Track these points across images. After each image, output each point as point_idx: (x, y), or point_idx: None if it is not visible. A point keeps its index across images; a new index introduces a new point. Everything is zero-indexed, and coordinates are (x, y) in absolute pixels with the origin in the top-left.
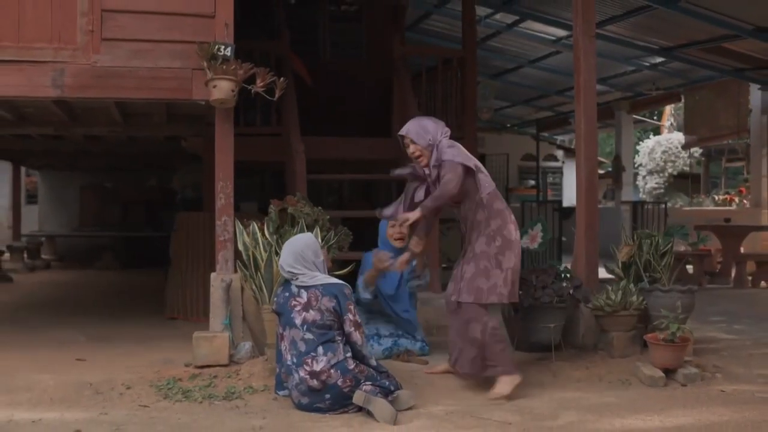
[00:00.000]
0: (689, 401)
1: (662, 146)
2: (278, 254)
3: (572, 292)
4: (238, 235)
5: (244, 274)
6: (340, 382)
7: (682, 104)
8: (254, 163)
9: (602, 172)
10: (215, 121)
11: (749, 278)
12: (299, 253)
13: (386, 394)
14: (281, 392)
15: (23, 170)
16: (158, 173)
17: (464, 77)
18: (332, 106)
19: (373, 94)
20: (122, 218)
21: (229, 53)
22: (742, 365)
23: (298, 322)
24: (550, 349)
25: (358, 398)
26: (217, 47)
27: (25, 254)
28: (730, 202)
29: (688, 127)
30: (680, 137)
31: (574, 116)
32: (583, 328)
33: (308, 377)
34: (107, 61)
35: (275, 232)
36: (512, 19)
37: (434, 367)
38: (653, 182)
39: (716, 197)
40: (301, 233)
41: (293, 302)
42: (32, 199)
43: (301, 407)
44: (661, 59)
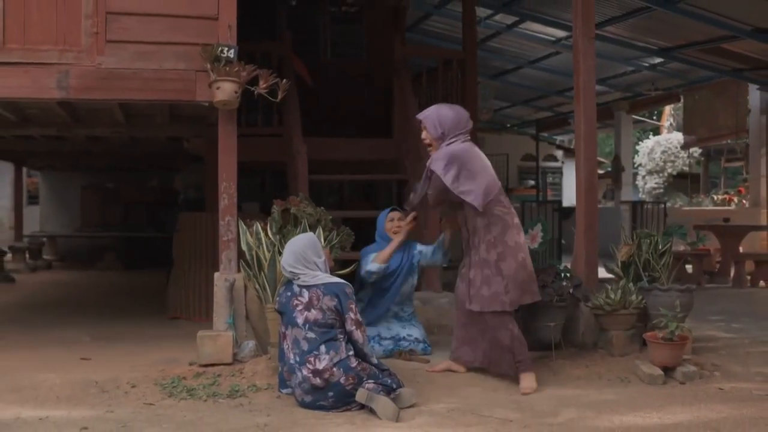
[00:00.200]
0: (687, 399)
1: (661, 146)
2: (281, 254)
3: (572, 291)
4: (241, 235)
5: (247, 273)
6: (342, 380)
7: (681, 104)
8: (255, 163)
9: (602, 172)
10: (218, 122)
11: (748, 277)
12: (300, 253)
13: (388, 391)
14: (284, 390)
15: (24, 171)
16: (159, 174)
17: (464, 78)
18: (333, 106)
19: (373, 94)
20: (123, 219)
21: (232, 55)
22: (740, 363)
23: (300, 321)
24: (550, 347)
25: (360, 396)
26: (220, 49)
27: (26, 255)
28: (729, 202)
29: (687, 127)
30: (680, 137)
31: (573, 116)
32: (582, 326)
33: (311, 375)
34: (112, 62)
35: (278, 232)
36: (512, 20)
37: (435, 365)
38: (653, 182)
39: (715, 197)
40: (302, 233)
41: (295, 301)
42: (33, 199)
43: (304, 405)
44: (660, 60)
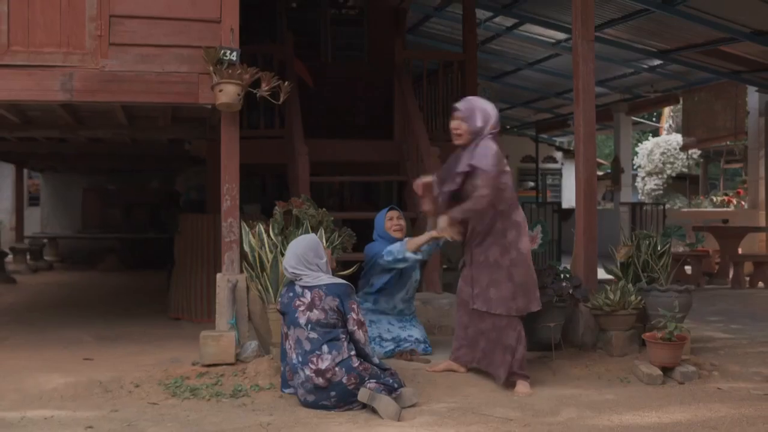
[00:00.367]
0: (686, 398)
1: (661, 148)
2: (283, 255)
3: (572, 291)
4: (243, 236)
5: (250, 274)
6: (345, 379)
7: (680, 106)
8: (255, 165)
9: (601, 173)
10: (221, 124)
11: (747, 278)
12: (301, 255)
13: (390, 391)
14: (287, 390)
15: (26, 172)
16: (160, 175)
17: (465, 80)
18: (333, 108)
19: (374, 96)
20: (124, 220)
21: (234, 58)
22: (738, 364)
23: (302, 321)
24: (550, 347)
25: (362, 396)
26: (223, 52)
27: (28, 256)
28: (728, 203)
29: (686, 128)
30: (679, 139)
31: (573, 118)
32: (582, 327)
33: (314, 375)
34: (115, 65)
35: (280, 233)
36: (512, 22)
37: (436, 365)
38: (652, 183)
39: (714, 198)
40: (304, 234)
41: (297, 302)
42: (34, 201)
43: (307, 404)
44: (659, 62)
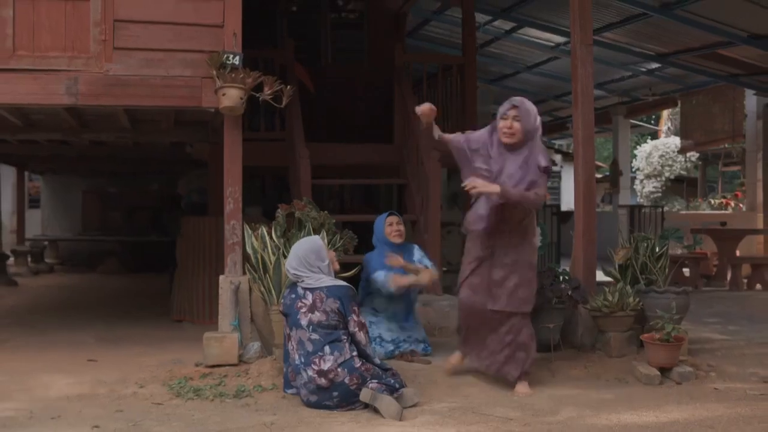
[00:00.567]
0: (683, 398)
1: (659, 150)
2: (286, 257)
3: (571, 293)
4: (246, 238)
5: (252, 276)
6: (347, 380)
7: (678, 109)
8: (256, 167)
9: (600, 176)
10: (224, 128)
11: (744, 281)
12: (302, 256)
13: (392, 391)
14: (289, 390)
15: (26, 175)
16: (161, 178)
17: (465, 83)
18: (333, 111)
19: (374, 99)
20: (125, 223)
21: (237, 62)
22: (735, 364)
23: (304, 323)
24: (549, 348)
25: (365, 396)
26: (226, 56)
27: (29, 258)
28: (726, 205)
29: (684, 131)
30: (677, 141)
31: (572, 121)
32: (581, 328)
33: (316, 376)
34: (120, 69)
35: (282, 235)
36: (510, 25)
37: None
38: (651, 186)
39: (712, 201)
40: (307, 237)
41: (299, 304)
42: (34, 203)
43: (309, 405)
44: (657, 65)
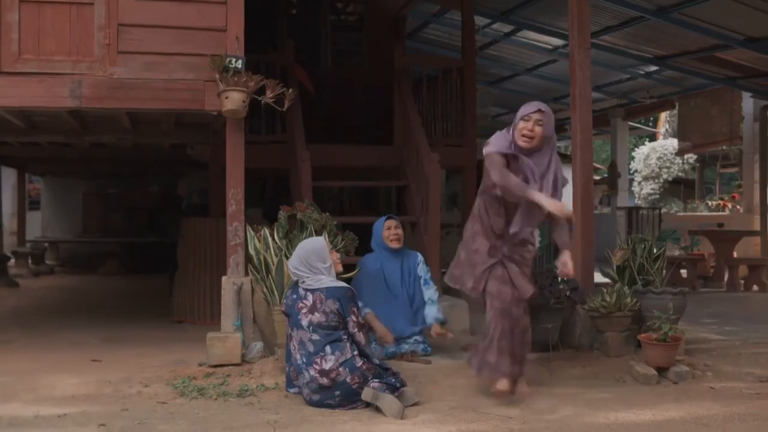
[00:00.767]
0: (680, 397)
1: (657, 152)
2: (288, 258)
3: (569, 294)
4: (249, 240)
5: (255, 277)
6: (348, 379)
7: (676, 111)
8: (256, 170)
9: (598, 178)
10: (227, 130)
11: (741, 282)
12: (303, 257)
13: (393, 390)
14: (292, 390)
15: (26, 176)
16: (161, 180)
17: (464, 86)
18: (333, 113)
19: (374, 101)
20: (125, 224)
21: (240, 65)
22: (731, 364)
23: (304, 323)
24: (548, 348)
25: (367, 395)
26: (228, 60)
27: (30, 260)
28: (723, 207)
29: (681, 133)
30: (675, 143)
31: (570, 123)
32: (579, 328)
33: (318, 375)
34: (123, 73)
35: (285, 237)
36: (509, 28)
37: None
38: (648, 188)
39: (710, 203)
40: (310, 237)
41: (300, 304)
42: (34, 205)
43: (312, 403)
44: (655, 68)
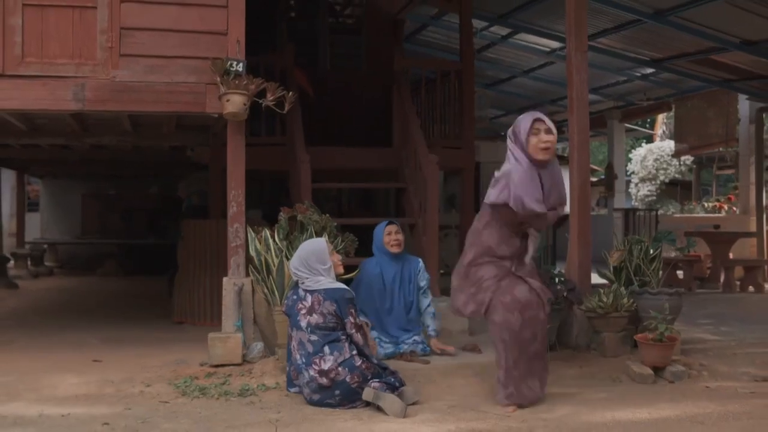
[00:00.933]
0: (676, 396)
1: (654, 154)
2: (288, 259)
3: (566, 294)
4: (249, 241)
5: (256, 278)
6: (348, 378)
7: (673, 113)
8: (256, 171)
9: (595, 179)
10: (228, 133)
11: (737, 283)
12: (304, 258)
13: (392, 390)
14: (292, 389)
15: (25, 178)
16: (159, 181)
17: (462, 88)
18: (332, 115)
19: (372, 104)
20: (124, 226)
21: (241, 69)
22: (726, 364)
23: (303, 324)
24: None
25: (367, 395)
26: (229, 63)
27: (28, 261)
28: (719, 209)
29: (678, 135)
30: (672, 145)
31: (567, 125)
32: (576, 329)
33: (318, 376)
34: (126, 76)
35: (285, 238)
36: (507, 31)
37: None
38: (645, 189)
39: (706, 204)
40: (312, 239)
41: (299, 305)
42: (33, 207)
43: (312, 403)
44: (651, 70)
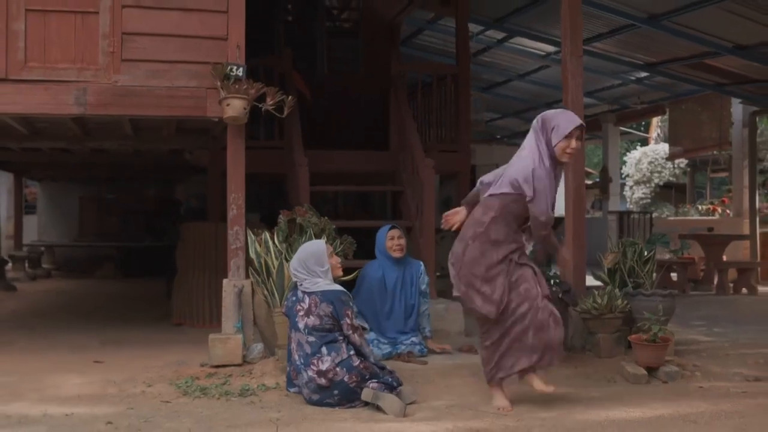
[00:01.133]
0: (669, 395)
1: (648, 157)
2: (288, 261)
3: (561, 296)
4: (249, 243)
5: (256, 280)
6: (346, 378)
7: (667, 116)
8: (254, 174)
9: (590, 182)
10: (228, 136)
11: (731, 285)
12: (303, 259)
13: (391, 389)
14: (292, 389)
15: (23, 180)
16: (157, 184)
17: (458, 92)
18: (330, 119)
19: (369, 107)
20: (121, 228)
21: (241, 73)
22: (719, 364)
23: (301, 326)
24: None
25: (366, 395)
26: (230, 68)
27: (26, 264)
28: (713, 212)
29: (672, 138)
30: (666, 148)
31: None
32: (571, 330)
33: (316, 376)
34: (127, 80)
35: (285, 240)
36: (503, 35)
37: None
38: (640, 192)
39: (700, 207)
40: (311, 241)
41: (298, 307)
42: (30, 209)
43: (312, 403)
44: (646, 74)
